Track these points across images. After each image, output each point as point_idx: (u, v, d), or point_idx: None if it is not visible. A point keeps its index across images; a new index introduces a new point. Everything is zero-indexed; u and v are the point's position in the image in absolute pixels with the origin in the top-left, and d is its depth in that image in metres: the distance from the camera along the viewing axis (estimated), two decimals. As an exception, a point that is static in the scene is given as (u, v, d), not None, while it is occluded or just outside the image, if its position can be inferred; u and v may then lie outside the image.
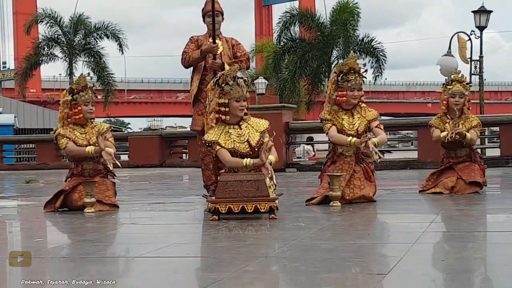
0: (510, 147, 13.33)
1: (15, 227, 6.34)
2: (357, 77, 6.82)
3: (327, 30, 29.69)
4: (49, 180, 11.81)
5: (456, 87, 7.55)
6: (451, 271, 3.62)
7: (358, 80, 6.81)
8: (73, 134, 6.81)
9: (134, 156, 18.32)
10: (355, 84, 6.78)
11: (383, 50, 30.26)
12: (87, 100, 6.84)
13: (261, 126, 6.02)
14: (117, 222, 6.01)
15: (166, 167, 17.29)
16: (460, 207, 6.25)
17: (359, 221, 5.66)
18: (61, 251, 4.70)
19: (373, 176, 6.82)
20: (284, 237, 4.75)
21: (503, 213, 5.96)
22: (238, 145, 5.90)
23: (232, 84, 5.98)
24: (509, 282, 3.21)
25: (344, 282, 3.30)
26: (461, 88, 7.55)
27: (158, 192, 9.50)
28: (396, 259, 3.75)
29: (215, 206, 5.64)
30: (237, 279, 3.38)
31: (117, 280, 3.71)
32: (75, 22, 33.68)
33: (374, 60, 29.88)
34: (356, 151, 6.73)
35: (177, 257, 4.22)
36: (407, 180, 10.46)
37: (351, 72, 6.82)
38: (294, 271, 3.63)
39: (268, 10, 70.10)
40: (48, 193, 7.73)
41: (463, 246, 4.27)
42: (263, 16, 70.14)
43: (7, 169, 19.10)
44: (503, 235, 4.83)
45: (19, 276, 3.94)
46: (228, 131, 5.97)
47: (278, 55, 30.58)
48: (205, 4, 7.67)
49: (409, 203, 6.95)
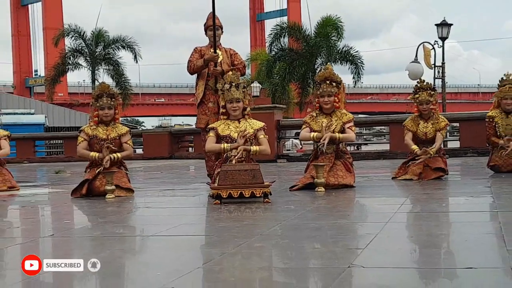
0: (468, 140, 13.37)
1: (46, 211, 6.33)
2: (328, 86, 6.82)
3: (312, 41, 29.69)
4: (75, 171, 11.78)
5: (422, 96, 7.64)
6: (419, 246, 3.63)
7: (327, 88, 6.82)
8: (96, 130, 6.86)
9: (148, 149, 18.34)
10: (323, 92, 6.81)
11: (360, 58, 30.26)
12: (102, 105, 6.84)
13: (256, 125, 6.22)
14: (133, 206, 6.01)
15: (175, 159, 17.27)
16: (426, 191, 6.27)
17: (340, 204, 5.66)
18: (86, 231, 4.70)
19: (352, 168, 6.86)
20: (276, 218, 4.75)
21: (462, 196, 5.97)
22: (233, 134, 6.13)
23: (226, 89, 6.13)
24: (467, 255, 3.21)
25: (327, 256, 3.30)
26: (426, 96, 7.62)
27: (168, 180, 9.49)
28: (371, 236, 3.75)
29: (217, 192, 5.64)
30: (236, 254, 3.38)
31: (134, 256, 3.72)
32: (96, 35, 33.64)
33: (353, 66, 29.89)
34: (335, 148, 6.77)
35: (184, 235, 4.22)
36: (380, 169, 10.46)
37: (323, 81, 6.86)
38: (285, 247, 3.63)
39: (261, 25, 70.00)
40: (74, 182, 7.72)
41: (428, 224, 4.28)
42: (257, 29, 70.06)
43: (39, 162, 19.10)
44: (463, 215, 4.83)
45: (50, 252, 3.94)
46: (228, 123, 6.21)
47: (270, 63, 30.63)
48: (207, 19, 7.66)
49: (383, 188, 6.95)
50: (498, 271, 2.83)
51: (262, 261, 3.32)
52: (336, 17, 30.18)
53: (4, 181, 7.92)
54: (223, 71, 7.33)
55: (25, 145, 19.70)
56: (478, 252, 3.28)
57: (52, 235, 4.58)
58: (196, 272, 3.04)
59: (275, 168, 11.10)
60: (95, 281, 3.04)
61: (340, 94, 6.93)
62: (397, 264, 3.08)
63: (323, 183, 6.33)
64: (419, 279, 2.81)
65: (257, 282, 2.85)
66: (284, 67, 29.91)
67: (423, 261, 3.20)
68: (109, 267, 3.30)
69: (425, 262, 3.17)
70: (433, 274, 2.87)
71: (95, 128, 6.88)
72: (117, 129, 6.95)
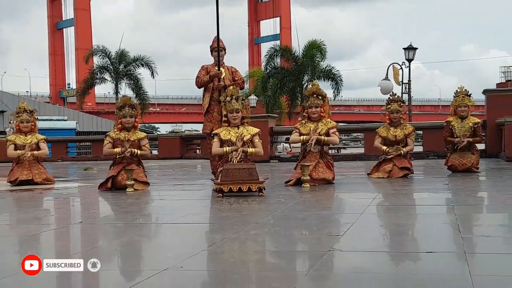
0: (429, 145, 13.38)
1: (76, 202, 6.32)
2: (315, 99, 6.89)
3: (300, 61, 29.69)
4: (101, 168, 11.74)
5: (394, 106, 7.78)
6: (388, 233, 3.63)
7: (314, 100, 6.88)
8: (119, 135, 6.91)
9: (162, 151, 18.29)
10: (311, 104, 6.88)
11: (340, 76, 30.24)
12: (125, 114, 6.91)
13: (252, 131, 6.21)
14: (149, 198, 6.00)
15: (184, 159, 17.23)
16: (395, 187, 6.27)
17: (323, 198, 5.66)
18: (109, 219, 4.70)
19: (332, 167, 6.88)
20: (269, 209, 4.75)
21: (425, 192, 6.00)
22: (233, 139, 6.13)
23: (227, 101, 6.23)
24: (429, 242, 3.22)
25: (312, 241, 3.31)
26: (397, 107, 7.74)
27: (179, 177, 9.48)
28: (349, 224, 3.76)
29: (220, 187, 5.63)
30: (235, 239, 3.38)
31: (150, 240, 3.72)
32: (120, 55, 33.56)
33: (334, 83, 29.94)
34: (320, 149, 6.79)
35: (192, 223, 4.21)
36: (356, 168, 10.46)
37: (311, 95, 6.92)
38: (276, 233, 3.63)
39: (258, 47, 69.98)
40: (100, 178, 7.70)
41: (397, 215, 4.29)
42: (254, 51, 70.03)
43: (71, 160, 19.05)
44: (425, 207, 4.85)
45: (79, 237, 3.94)
46: (229, 130, 6.22)
47: (264, 79, 30.63)
48: (212, 42, 7.67)
49: (358, 185, 6.96)
50: (453, 255, 2.84)
51: (256, 245, 3.33)
52: (320, 41, 30.21)
53: (40, 173, 7.98)
54: (226, 86, 7.36)
55: (59, 146, 19.65)
56: (437, 239, 3.29)
57: (81, 222, 4.58)
58: (201, 254, 3.04)
59: (268, 167, 11.10)
60: (117, 260, 3.04)
61: (325, 105, 6.98)
62: (370, 249, 3.09)
63: (308, 180, 6.36)
64: (388, 261, 2.82)
65: (253, 263, 2.85)
66: (276, 83, 29.93)
67: (392, 246, 3.21)
68: (129, 250, 3.30)
69: (394, 247, 3.18)
70: (401, 257, 2.88)
71: (118, 133, 6.94)
72: (136, 134, 7.00)
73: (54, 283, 2.59)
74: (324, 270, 2.59)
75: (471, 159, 7.93)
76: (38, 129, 8.53)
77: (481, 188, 6.57)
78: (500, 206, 4.77)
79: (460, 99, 8.07)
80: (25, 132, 8.22)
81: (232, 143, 6.10)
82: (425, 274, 2.46)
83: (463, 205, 4.69)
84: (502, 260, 2.71)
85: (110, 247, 3.38)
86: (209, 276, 2.61)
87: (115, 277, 2.63)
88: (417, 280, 2.38)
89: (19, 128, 8.24)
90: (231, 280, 2.46)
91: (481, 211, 4.70)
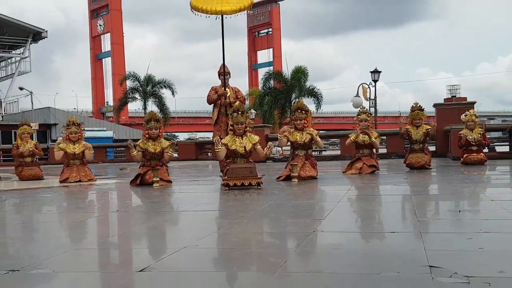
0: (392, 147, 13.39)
1: (113, 195, 6.31)
2: (299, 113, 6.84)
3: (288, 82, 29.86)
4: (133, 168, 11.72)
5: (363, 116, 7.72)
6: (359, 217, 3.63)
7: (299, 114, 6.83)
8: (146, 144, 6.80)
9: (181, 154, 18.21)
10: (296, 117, 6.84)
11: (320, 94, 30.47)
12: (151, 127, 6.81)
13: (254, 140, 6.12)
14: (171, 191, 5.99)
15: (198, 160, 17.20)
16: (364, 181, 6.27)
17: (308, 190, 5.66)
18: (140, 208, 4.69)
19: (316, 166, 6.87)
20: (265, 199, 4.75)
21: (389, 184, 5.99)
22: (238, 148, 5.98)
23: (233, 114, 6.10)
24: (392, 224, 3.22)
25: (300, 224, 3.30)
26: (365, 117, 7.70)
27: (194, 174, 9.46)
28: (328, 211, 3.76)
29: (227, 182, 5.63)
30: (239, 223, 3.38)
31: (171, 224, 3.71)
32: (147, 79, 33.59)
33: (315, 99, 30.14)
34: (305, 153, 6.78)
35: (205, 210, 4.21)
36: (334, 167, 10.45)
37: (297, 110, 6.89)
38: (271, 218, 3.64)
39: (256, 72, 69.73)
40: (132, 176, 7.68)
41: (366, 203, 4.28)
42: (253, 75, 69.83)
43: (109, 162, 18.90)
44: (389, 197, 4.84)
45: (116, 222, 3.94)
46: (235, 139, 6.05)
47: (261, 97, 30.71)
48: (219, 68, 7.68)
49: (336, 180, 6.95)
50: (411, 234, 2.84)
51: (256, 228, 3.32)
52: (304, 67, 30.53)
53: (86, 175, 8.01)
54: (230, 102, 7.38)
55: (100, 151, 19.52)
56: (398, 222, 3.30)
57: (117, 210, 4.58)
58: (212, 235, 3.04)
59: (265, 166, 11.08)
60: (148, 238, 3.04)
61: (308, 118, 6.97)
62: (345, 230, 3.09)
63: (297, 176, 6.37)
64: (359, 239, 2.81)
65: (253, 241, 2.85)
66: (271, 100, 30.03)
67: (362, 227, 3.21)
68: (154, 231, 3.30)
69: (364, 228, 3.18)
70: (369, 236, 2.88)
71: (145, 142, 6.86)
72: (161, 143, 6.92)
73: (96, 257, 2.59)
74: (309, 247, 2.59)
75: (424, 158, 8.00)
76: (84, 137, 8.54)
77: (433, 181, 6.57)
78: (448, 195, 4.77)
79: (415, 114, 8.16)
80: (73, 141, 8.23)
81: (236, 153, 6.01)
82: (388, 249, 2.46)
83: (419, 194, 4.69)
84: (450, 237, 2.71)
85: (140, 230, 3.38)
86: (218, 252, 2.61)
87: (145, 254, 2.63)
88: (382, 254, 2.37)
89: (69, 138, 8.24)
90: (235, 256, 2.46)
91: (433, 199, 4.70)
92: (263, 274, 2.13)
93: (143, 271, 2.15)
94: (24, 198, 5.80)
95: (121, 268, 2.38)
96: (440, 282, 1.83)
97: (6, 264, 2.39)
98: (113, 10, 55.10)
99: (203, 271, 2.18)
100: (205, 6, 6.78)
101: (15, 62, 35.20)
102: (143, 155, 6.84)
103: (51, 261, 2.43)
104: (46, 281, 2.13)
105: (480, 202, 4.21)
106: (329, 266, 2.21)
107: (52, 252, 2.62)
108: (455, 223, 3.19)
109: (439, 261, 2.11)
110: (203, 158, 17.79)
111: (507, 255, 2.24)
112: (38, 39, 34.45)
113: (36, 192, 6.51)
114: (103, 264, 2.50)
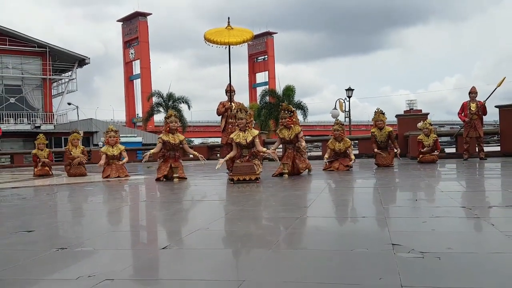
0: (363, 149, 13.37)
1: (141, 188, 6.29)
2: (284, 113, 6.77)
3: (281, 98, 29.88)
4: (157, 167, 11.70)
5: (335, 127, 7.67)
6: (335, 205, 3.62)
7: (284, 114, 6.77)
8: (167, 137, 6.82)
9: (196, 155, 18.23)
10: (282, 116, 6.81)
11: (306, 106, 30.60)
12: (171, 121, 6.85)
13: (254, 133, 6.22)
14: (187, 185, 5.97)
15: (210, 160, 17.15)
16: (341, 176, 6.26)
17: (296, 183, 5.65)
18: (162, 198, 4.67)
19: (306, 159, 6.83)
20: (262, 191, 4.74)
21: (361, 179, 5.98)
22: (242, 140, 6.13)
23: (237, 114, 6.27)
24: (362, 210, 3.22)
25: (289, 210, 3.29)
26: (337, 127, 7.64)
27: (206, 171, 9.45)
28: (312, 200, 3.75)
29: (232, 177, 5.63)
30: (242, 210, 3.36)
31: (187, 211, 3.70)
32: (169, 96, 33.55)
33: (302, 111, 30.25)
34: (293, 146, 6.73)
35: (214, 200, 4.21)
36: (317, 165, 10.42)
37: (281, 111, 6.86)
38: (267, 206, 3.63)
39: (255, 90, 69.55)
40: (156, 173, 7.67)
41: (342, 193, 4.29)
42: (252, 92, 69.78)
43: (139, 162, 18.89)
44: (360, 189, 4.84)
45: (144, 210, 3.92)
46: (239, 133, 6.21)
47: (259, 110, 30.70)
48: (226, 87, 7.68)
49: (318, 175, 6.92)
50: (377, 218, 2.83)
51: (255, 213, 3.31)
52: (292, 85, 30.94)
53: (123, 172, 8.06)
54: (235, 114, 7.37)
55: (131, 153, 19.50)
56: (367, 208, 3.29)
57: (145, 200, 4.57)
58: (221, 219, 3.03)
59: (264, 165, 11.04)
60: (169, 222, 3.03)
61: (294, 117, 6.87)
62: (325, 215, 3.08)
63: (287, 172, 6.38)
64: (336, 222, 2.81)
65: (253, 224, 2.84)
66: (266, 112, 30.10)
67: (339, 213, 3.20)
68: (174, 216, 3.29)
69: (340, 214, 3.17)
70: (344, 220, 2.88)
71: (167, 135, 6.83)
72: (178, 137, 6.88)
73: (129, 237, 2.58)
74: (297, 229, 2.59)
75: (388, 158, 8.04)
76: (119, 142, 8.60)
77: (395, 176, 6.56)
78: (407, 187, 4.76)
79: (377, 116, 8.22)
80: (112, 145, 8.27)
81: (240, 145, 6.07)
82: (360, 231, 2.46)
83: (384, 187, 4.69)
84: (408, 221, 2.70)
85: (162, 216, 3.37)
86: (226, 234, 2.61)
87: (164, 235, 2.63)
88: (354, 234, 2.37)
89: (108, 142, 8.27)
90: (239, 236, 2.45)
91: (395, 190, 4.69)
92: (261, 250, 2.13)
93: (165, 249, 2.15)
94: (72, 191, 5.79)
95: (148, 246, 2.38)
96: (400, 257, 1.83)
97: (57, 242, 2.39)
98: (142, 42, 55.36)
99: (213, 248, 2.18)
100: (216, 39, 6.90)
101: (64, 83, 35.29)
102: (163, 147, 6.79)
103: (92, 241, 2.43)
104: (88, 257, 2.12)
105: (433, 193, 4.21)
106: (312, 244, 2.21)
107: (93, 233, 2.62)
108: (412, 209, 3.19)
109: (400, 240, 2.11)
110: (214, 158, 17.73)
111: (454, 235, 2.24)
112: (83, 65, 34.49)
113: (81, 186, 6.50)
114: (133, 243, 2.49)
